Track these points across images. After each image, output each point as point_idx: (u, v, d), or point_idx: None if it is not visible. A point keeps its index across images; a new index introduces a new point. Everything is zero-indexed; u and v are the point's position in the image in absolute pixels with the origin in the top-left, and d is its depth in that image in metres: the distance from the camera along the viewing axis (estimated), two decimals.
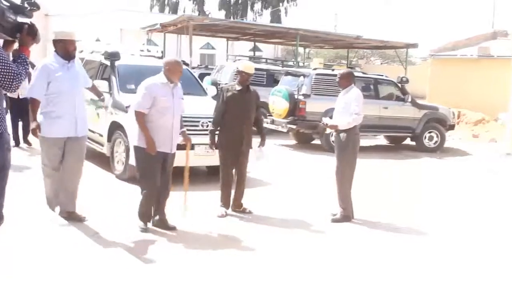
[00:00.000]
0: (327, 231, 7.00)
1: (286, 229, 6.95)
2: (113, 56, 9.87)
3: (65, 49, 6.26)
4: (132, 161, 8.79)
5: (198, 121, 8.83)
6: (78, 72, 6.45)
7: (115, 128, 9.24)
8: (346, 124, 7.31)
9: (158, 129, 6.24)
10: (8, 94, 9.55)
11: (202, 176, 9.67)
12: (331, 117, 7.86)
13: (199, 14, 45.69)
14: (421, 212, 8.26)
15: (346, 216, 7.42)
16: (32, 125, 6.31)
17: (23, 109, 10.75)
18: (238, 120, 7.28)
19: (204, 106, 9.20)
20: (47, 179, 6.46)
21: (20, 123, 11.58)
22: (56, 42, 6.28)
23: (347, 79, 7.52)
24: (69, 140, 6.34)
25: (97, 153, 10.06)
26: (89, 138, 9.91)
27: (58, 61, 6.27)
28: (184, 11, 50.27)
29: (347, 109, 7.34)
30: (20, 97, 10.75)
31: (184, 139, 6.60)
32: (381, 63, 49.44)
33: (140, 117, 6.24)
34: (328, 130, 7.91)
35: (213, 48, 39.68)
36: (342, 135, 7.37)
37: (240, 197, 7.62)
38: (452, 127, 15.78)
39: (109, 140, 9.43)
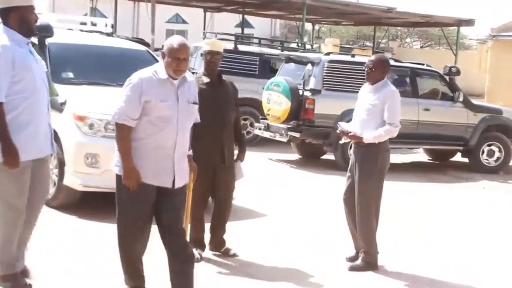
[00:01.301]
0: (342, 286, 7.04)
1: (283, 282, 6.95)
2: (42, 31, 9.84)
3: (25, 20, 5.63)
4: (68, 181, 8.86)
5: None
6: (39, 58, 5.94)
7: None
8: (375, 137, 7.28)
9: (151, 150, 5.56)
10: None
11: None
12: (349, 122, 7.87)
13: None
14: (471, 266, 8.22)
15: (370, 263, 7.40)
16: (8, 149, 5.51)
17: None
18: (212, 125, 7.22)
19: (119, 99, 9.27)
20: (10, 226, 5.72)
21: None
22: (9, 12, 5.61)
23: (381, 71, 7.43)
24: (36, 163, 5.78)
25: None
26: None
27: (17, 41, 5.62)
28: None
29: (376, 114, 7.32)
30: None
31: (190, 167, 5.98)
32: (421, 47, 49.86)
33: (122, 132, 5.51)
34: (343, 140, 7.84)
35: (184, 21, 39.94)
36: (367, 150, 7.36)
37: (222, 231, 7.59)
38: None
39: None
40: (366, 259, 7.40)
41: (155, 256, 5.96)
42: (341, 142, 8.13)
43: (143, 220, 5.68)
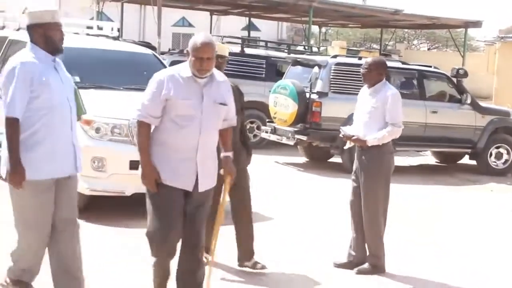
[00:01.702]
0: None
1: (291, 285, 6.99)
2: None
3: (49, 37, 5.48)
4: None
5: None
6: (67, 75, 5.74)
7: None
8: (379, 139, 7.25)
9: (173, 151, 5.36)
10: None
11: None
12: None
13: None
14: (479, 269, 8.22)
15: (377, 266, 7.39)
16: (14, 167, 5.32)
17: None
18: None
19: (143, 96, 9.31)
20: (33, 244, 5.59)
21: None
22: (33, 29, 5.52)
23: (378, 72, 7.44)
24: (59, 183, 5.53)
25: None
26: None
27: (40, 58, 5.45)
28: None
29: (378, 116, 7.31)
30: None
31: (225, 170, 5.69)
32: (429, 49, 49.84)
33: (141, 129, 5.40)
34: (348, 144, 7.82)
35: (190, 25, 39.98)
36: (371, 153, 7.34)
37: (251, 241, 7.32)
38: None
39: None
40: (374, 262, 7.40)
41: None
42: (345, 147, 8.09)
43: (170, 219, 5.37)
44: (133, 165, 8.37)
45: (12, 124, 5.25)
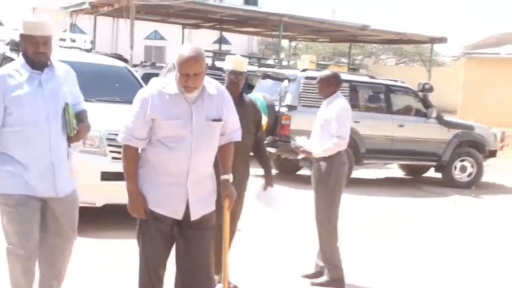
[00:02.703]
0: None
1: None
2: (17, 46, 9.89)
3: (27, 50, 5.15)
4: None
5: None
6: (59, 90, 5.23)
7: None
8: (324, 151, 7.29)
9: (161, 175, 4.81)
10: None
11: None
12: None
13: None
14: (444, 280, 8.37)
15: (336, 279, 7.33)
16: None
17: None
18: None
19: (127, 117, 9.31)
20: (16, 264, 5.17)
21: None
22: (21, 39, 5.18)
23: (327, 84, 7.48)
24: (48, 203, 5.20)
25: None
26: None
27: (23, 70, 5.17)
28: None
29: (328, 128, 7.33)
30: None
31: (223, 194, 5.08)
32: (396, 63, 50.14)
33: (126, 153, 4.87)
34: (301, 155, 7.88)
35: (162, 38, 39.92)
36: (322, 164, 7.36)
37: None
38: (493, 153, 16.04)
39: None
40: (332, 275, 7.33)
41: None
42: (298, 157, 8.09)
43: (155, 250, 4.89)
44: (104, 176, 8.34)
45: None
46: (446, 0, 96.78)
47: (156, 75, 18.19)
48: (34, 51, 5.08)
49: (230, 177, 5.05)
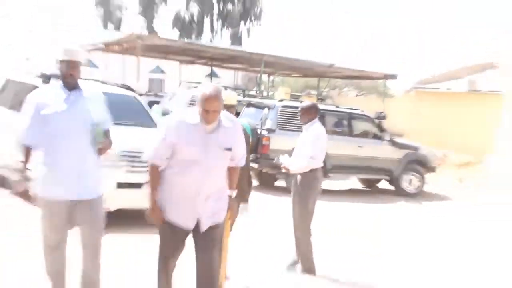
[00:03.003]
0: None
1: None
2: (52, 79, 9.91)
3: (60, 72, 5.13)
4: None
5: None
6: (88, 109, 5.15)
7: None
8: (298, 168, 7.49)
9: (177, 191, 4.85)
10: None
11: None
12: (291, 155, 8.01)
13: (148, 32, 45.93)
14: (393, 266, 8.55)
15: (308, 268, 7.51)
16: (19, 186, 5.12)
17: None
18: None
19: (153, 140, 9.39)
20: (47, 257, 5.21)
21: None
22: (59, 63, 5.14)
23: (308, 113, 7.66)
24: (77, 205, 5.10)
25: None
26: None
27: (54, 91, 5.14)
28: (131, 28, 50.46)
29: (304, 148, 7.50)
30: None
31: (229, 207, 5.15)
32: (357, 95, 50.32)
33: (151, 170, 4.89)
34: (283, 170, 8.06)
35: (163, 72, 39.92)
36: (298, 178, 7.57)
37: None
38: (433, 169, 16.25)
39: None
40: (305, 265, 7.53)
41: None
42: (278, 171, 8.24)
43: (171, 252, 4.97)
44: (119, 185, 8.48)
45: (25, 149, 5.08)
46: (397, 44, 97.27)
47: (157, 103, 18.33)
48: (67, 73, 5.06)
49: (232, 193, 5.10)
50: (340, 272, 7.81)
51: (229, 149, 4.82)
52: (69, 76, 5.05)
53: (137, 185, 8.47)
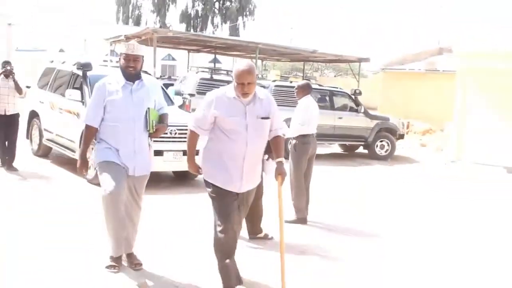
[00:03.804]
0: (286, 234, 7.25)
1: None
2: (85, 67, 9.95)
3: (122, 65, 5.06)
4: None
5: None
6: (145, 97, 5.08)
7: None
8: (290, 133, 7.55)
9: (226, 159, 4.59)
10: None
11: (168, 181, 9.86)
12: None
13: (160, 27, 45.70)
14: (372, 214, 8.65)
15: (301, 218, 7.56)
16: (79, 162, 5.18)
17: (9, 127, 9.54)
18: None
19: (172, 115, 9.43)
20: (107, 205, 4.95)
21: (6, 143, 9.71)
22: (121, 56, 5.12)
23: (303, 90, 7.77)
24: (131, 179, 5.11)
25: (70, 159, 10.19)
26: (60, 145, 10.05)
27: (116, 81, 5.07)
28: (146, 23, 50.25)
29: (295, 117, 7.65)
30: (7, 113, 9.50)
31: (276, 172, 4.74)
32: (335, 76, 50.26)
33: (190, 135, 4.69)
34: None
35: (173, 59, 39.74)
36: (292, 142, 7.72)
37: (259, 222, 6.68)
38: (402, 136, 16.34)
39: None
40: (298, 215, 7.57)
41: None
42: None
43: (229, 210, 4.59)
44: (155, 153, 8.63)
45: (86, 128, 5.07)
46: (370, 30, 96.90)
47: (171, 85, 18.31)
48: (126, 65, 4.99)
49: (282, 159, 4.71)
50: (331, 220, 7.90)
51: (266, 118, 4.61)
52: (131, 69, 4.98)
53: (160, 153, 8.55)
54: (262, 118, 4.58)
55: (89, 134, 5.08)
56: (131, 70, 4.99)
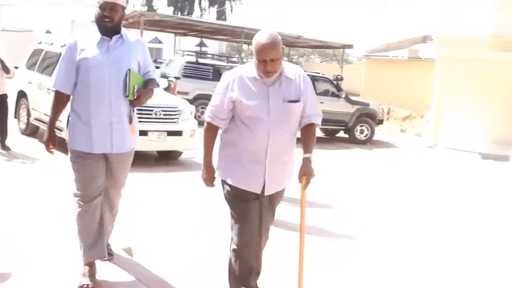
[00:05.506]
0: None
1: None
2: None
3: (97, 16, 3.96)
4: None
5: (152, 110, 9.24)
6: (125, 56, 3.98)
7: None
8: None
9: (243, 153, 3.62)
10: None
11: (151, 160, 10.07)
12: None
13: (148, 9, 45.58)
14: (347, 193, 8.91)
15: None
16: (45, 135, 4.14)
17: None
18: None
19: (157, 97, 9.66)
20: (79, 216, 4.04)
21: None
22: (97, 7, 3.97)
23: None
24: (108, 158, 4.06)
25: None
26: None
27: (94, 37, 3.97)
28: (133, 6, 50.07)
29: None
30: None
31: (301, 171, 3.62)
32: (321, 61, 50.48)
33: (207, 128, 3.69)
34: None
35: (160, 42, 39.73)
36: None
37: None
38: (381, 121, 16.68)
39: None
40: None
41: None
42: None
43: (248, 217, 3.63)
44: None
45: (55, 95, 4.06)
46: (358, 17, 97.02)
47: (157, 68, 18.42)
48: (101, 15, 3.91)
49: (310, 155, 3.65)
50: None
51: (295, 101, 3.59)
52: (107, 19, 3.91)
53: (144, 133, 8.76)
54: (290, 101, 3.57)
55: (59, 103, 4.05)
56: (107, 22, 3.91)
